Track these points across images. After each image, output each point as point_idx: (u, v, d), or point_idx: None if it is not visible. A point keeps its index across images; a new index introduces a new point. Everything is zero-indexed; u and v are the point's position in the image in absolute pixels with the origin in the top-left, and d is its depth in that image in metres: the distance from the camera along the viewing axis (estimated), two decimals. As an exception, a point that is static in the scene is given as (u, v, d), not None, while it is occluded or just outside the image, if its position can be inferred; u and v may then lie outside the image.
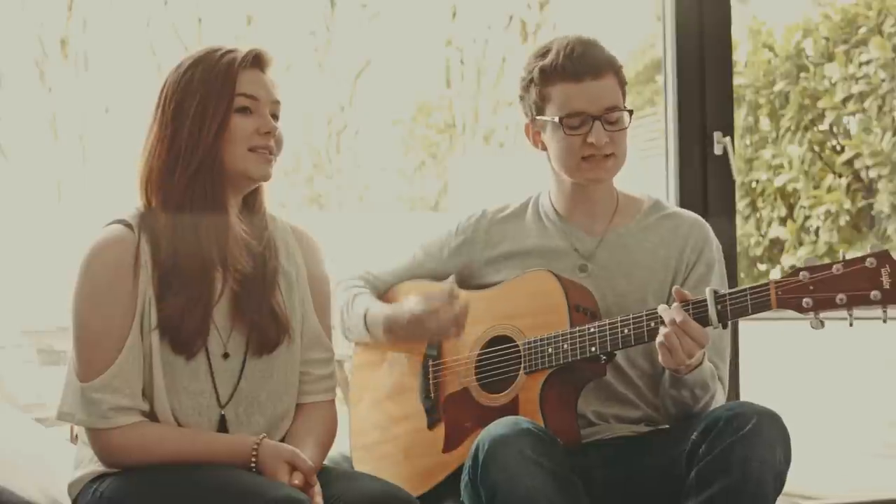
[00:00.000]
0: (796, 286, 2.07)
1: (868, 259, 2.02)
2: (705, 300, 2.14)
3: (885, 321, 2.03)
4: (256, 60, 2.11)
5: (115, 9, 9.81)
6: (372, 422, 2.53)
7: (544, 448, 2.10)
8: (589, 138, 2.33)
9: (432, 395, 2.43)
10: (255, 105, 2.10)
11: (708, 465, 2.11)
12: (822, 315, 2.06)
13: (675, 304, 2.16)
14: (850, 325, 2.06)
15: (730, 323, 2.17)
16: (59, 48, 9.90)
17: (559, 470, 2.10)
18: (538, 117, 2.40)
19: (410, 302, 2.36)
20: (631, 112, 2.38)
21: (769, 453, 2.08)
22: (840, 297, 2.03)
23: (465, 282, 2.49)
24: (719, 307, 2.13)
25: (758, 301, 2.10)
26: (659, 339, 2.15)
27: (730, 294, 2.13)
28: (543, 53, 2.38)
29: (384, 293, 2.56)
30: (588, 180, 2.39)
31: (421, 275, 2.53)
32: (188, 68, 2.09)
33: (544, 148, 2.43)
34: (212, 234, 2.06)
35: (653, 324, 2.19)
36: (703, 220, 2.47)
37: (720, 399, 2.34)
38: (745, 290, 2.11)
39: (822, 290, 2.05)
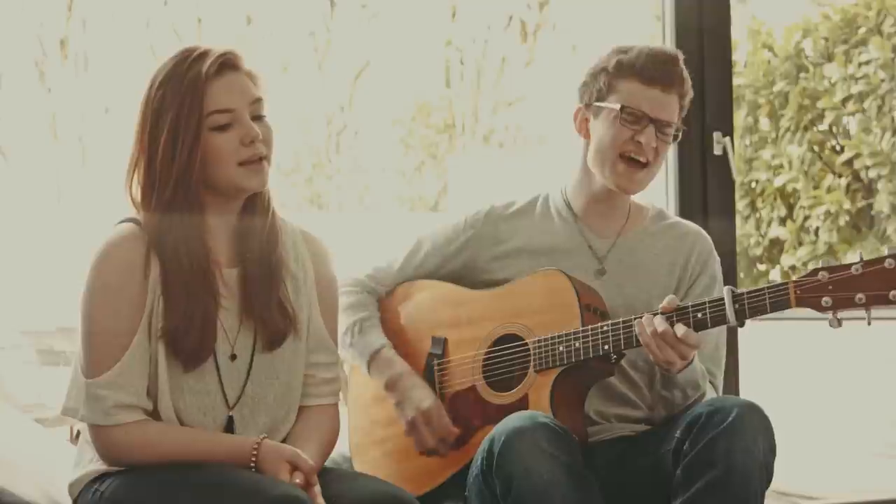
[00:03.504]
0: (815, 285, 2.09)
1: (887, 259, 2.05)
2: (723, 299, 2.15)
3: None
4: (228, 65, 2.06)
5: (115, 9, 9.81)
6: (374, 419, 2.52)
7: (560, 442, 2.11)
8: (638, 136, 2.36)
9: (437, 393, 2.43)
10: (232, 117, 2.05)
11: (692, 460, 2.12)
12: (840, 314, 2.08)
13: (652, 316, 2.18)
14: (868, 324, 2.09)
15: (727, 329, 2.18)
16: (59, 48, 9.90)
17: (574, 464, 2.11)
18: (597, 103, 2.41)
19: (425, 399, 2.38)
20: (682, 132, 2.42)
21: (752, 444, 2.09)
22: (859, 296, 2.06)
23: (471, 277, 2.49)
24: (737, 306, 2.14)
25: (776, 300, 2.12)
26: (643, 341, 2.19)
27: (748, 293, 2.14)
28: (626, 50, 2.41)
29: (389, 294, 2.55)
30: (617, 186, 2.41)
31: (426, 270, 2.52)
32: (159, 86, 2.05)
33: (587, 136, 2.45)
34: (191, 255, 2.04)
35: (638, 324, 2.21)
36: (706, 233, 2.51)
37: None
38: (763, 289, 2.13)
39: (840, 290, 2.07)
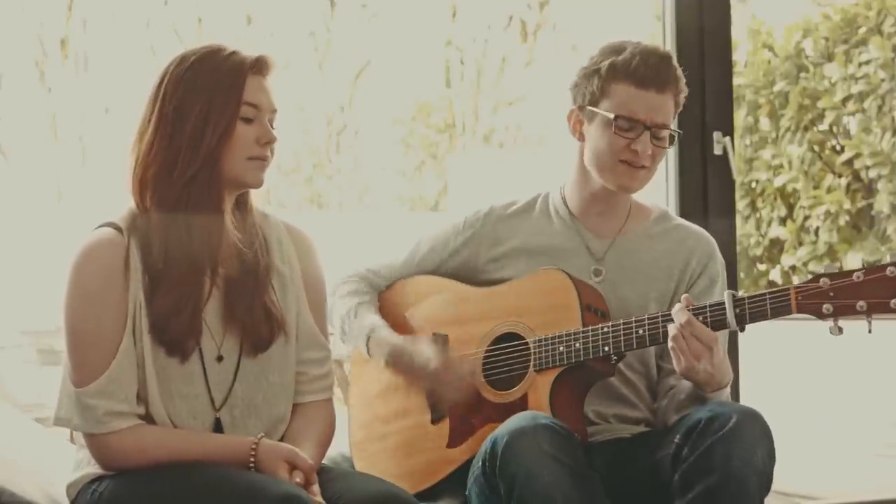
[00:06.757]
0: (817, 292, 2.09)
1: (889, 267, 2.05)
2: (723, 303, 2.14)
3: None
4: (262, 66, 2.09)
5: (115, 9, 9.81)
6: (374, 414, 2.52)
7: (562, 443, 2.11)
8: (634, 145, 2.34)
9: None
10: (256, 114, 2.08)
11: (690, 466, 2.12)
12: (840, 321, 2.08)
13: (679, 306, 2.16)
14: (870, 331, 2.09)
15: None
16: (59, 48, 9.90)
17: (577, 466, 2.11)
18: (590, 107, 2.38)
19: (428, 350, 2.35)
20: (678, 134, 2.40)
21: (750, 452, 2.09)
22: (860, 304, 2.06)
23: (469, 278, 2.49)
24: (738, 310, 2.14)
25: (777, 306, 2.12)
26: (670, 343, 2.16)
27: (749, 298, 2.14)
28: (618, 50, 2.37)
29: (386, 290, 2.55)
30: (618, 186, 2.39)
31: (426, 269, 2.52)
32: (192, 65, 2.05)
33: (581, 138, 2.43)
34: (205, 236, 2.05)
35: (668, 325, 2.19)
36: (710, 236, 2.49)
37: None
38: (764, 294, 2.12)
39: (842, 297, 2.08)
